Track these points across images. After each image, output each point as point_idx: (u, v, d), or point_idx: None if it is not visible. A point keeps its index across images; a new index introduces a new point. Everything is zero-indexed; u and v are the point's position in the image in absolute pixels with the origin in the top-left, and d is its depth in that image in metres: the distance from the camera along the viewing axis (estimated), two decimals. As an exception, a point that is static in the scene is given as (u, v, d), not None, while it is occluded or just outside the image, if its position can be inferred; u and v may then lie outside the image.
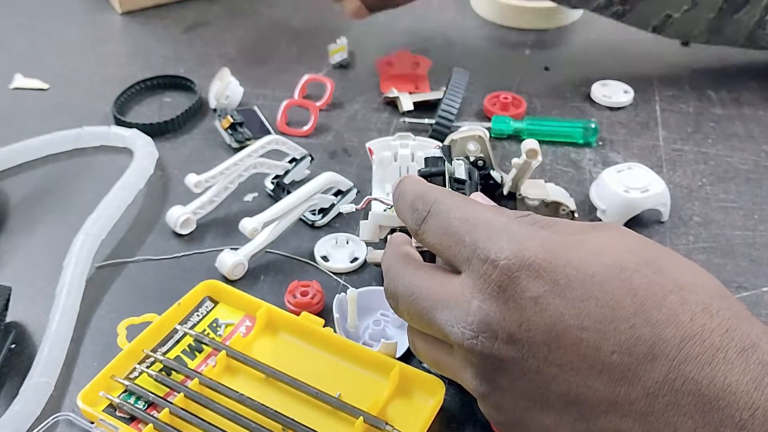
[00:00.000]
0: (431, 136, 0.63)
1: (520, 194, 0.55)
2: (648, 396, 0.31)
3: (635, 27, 0.72)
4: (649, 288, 0.32)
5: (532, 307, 0.33)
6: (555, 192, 0.55)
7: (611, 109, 0.71)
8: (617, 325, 0.32)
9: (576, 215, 0.54)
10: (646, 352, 0.31)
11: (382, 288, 0.50)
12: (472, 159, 0.56)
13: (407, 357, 0.47)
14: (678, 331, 0.31)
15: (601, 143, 0.66)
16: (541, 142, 0.57)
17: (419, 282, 0.38)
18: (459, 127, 0.64)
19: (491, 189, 0.57)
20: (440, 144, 0.57)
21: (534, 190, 0.55)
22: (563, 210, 0.54)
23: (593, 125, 0.65)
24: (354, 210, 0.47)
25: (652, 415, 0.31)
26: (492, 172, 0.57)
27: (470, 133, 0.56)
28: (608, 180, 0.56)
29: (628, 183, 0.56)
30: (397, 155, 0.55)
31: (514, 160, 0.54)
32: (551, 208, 0.55)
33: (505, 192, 0.56)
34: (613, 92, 0.72)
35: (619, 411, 0.32)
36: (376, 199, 0.47)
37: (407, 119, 0.67)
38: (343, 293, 0.49)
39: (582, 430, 0.33)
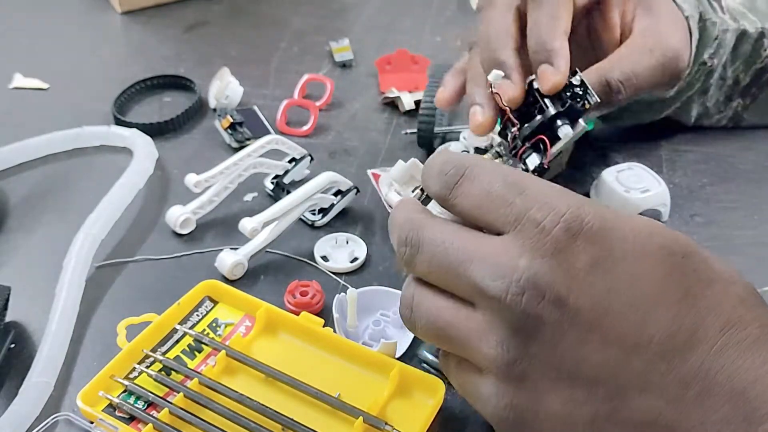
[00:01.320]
0: (419, 134, 0.63)
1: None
2: (682, 382, 0.31)
3: (759, 121, 0.65)
4: (696, 274, 0.33)
5: (584, 274, 0.32)
6: None
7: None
8: (666, 306, 0.32)
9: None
10: (687, 338, 0.32)
11: (382, 288, 0.50)
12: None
13: (407, 357, 0.47)
14: (720, 319, 0.32)
15: (600, 143, 0.66)
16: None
17: (451, 233, 0.35)
18: (450, 123, 0.64)
19: None
20: None
21: None
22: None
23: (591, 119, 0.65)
24: None
25: (682, 403, 0.31)
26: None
27: None
28: (608, 180, 0.56)
29: (628, 183, 0.56)
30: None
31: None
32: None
33: None
34: None
35: (652, 393, 0.32)
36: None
37: (408, 131, 0.67)
38: (342, 293, 0.49)
39: (608, 411, 0.32)
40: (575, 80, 0.49)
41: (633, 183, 0.56)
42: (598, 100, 0.49)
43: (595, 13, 0.56)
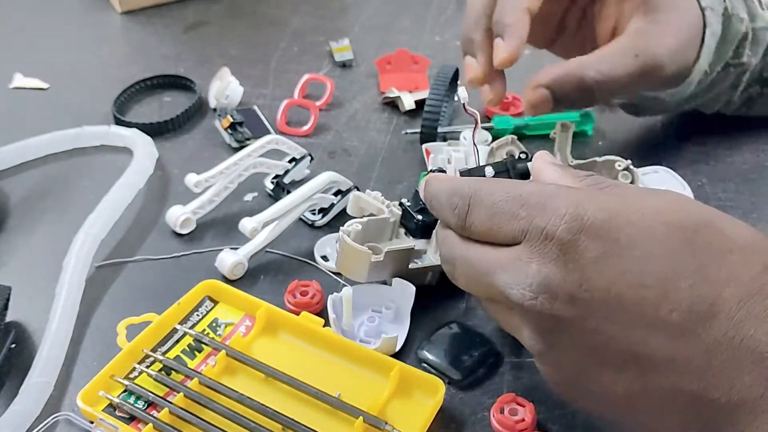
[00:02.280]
0: (421, 134, 0.63)
1: (571, 162, 0.56)
2: (706, 353, 0.32)
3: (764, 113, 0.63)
4: (708, 247, 0.33)
5: (592, 267, 0.33)
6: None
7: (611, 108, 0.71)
8: (678, 283, 0.32)
9: (632, 168, 0.53)
10: (706, 311, 0.32)
11: (372, 284, 0.50)
12: (516, 156, 0.56)
13: (405, 355, 0.47)
14: (738, 290, 0.32)
15: (601, 143, 0.66)
16: (540, 137, 0.57)
17: (475, 249, 0.39)
18: (451, 123, 0.64)
19: None
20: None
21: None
22: (619, 166, 0.53)
23: (590, 113, 0.66)
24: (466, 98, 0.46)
25: (709, 371, 0.32)
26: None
27: (502, 143, 0.57)
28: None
29: (652, 186, 0.55)
30: (451, 158, 0.56)
31: (551, 135, 0.55)
32: (607, 167, 0.54)
33: None
34: None
35: (678, 368, 0.32)
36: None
37: (408, 131, 0.67)
38: (336, 293, 0.49)
39: (639, 387, 0.34)
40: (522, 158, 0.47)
41: (657, 186, 0.55)
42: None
43: (590, 4, 0.54)
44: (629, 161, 0.54)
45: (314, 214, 0.57)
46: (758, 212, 0.58)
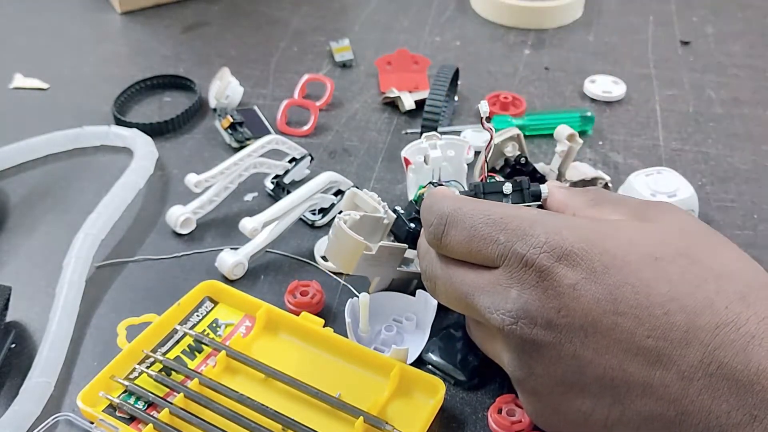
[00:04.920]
0: (421, 134, 0.62)
1: (565, 179, 0.55)
2: (683, 379, 0.32)
3: None
4: (683, 277, 0.34)
5: (569, 294, 0.34)
6: (589, 169, 0.55)
7: (608, 103, 0.71)
8: (652, 310, 0.33)
9: (610, 185, 0.54)
10: (681, 338, 0.32)
11: (394, 293, 0.50)
12: (512, 161, 0.54)
13: (419, 364, 0.47)
14: (713, 318, 0.32)
15: (601, 143, 0.66)
16: (540, 137, 0.57)
17: (456, 268, 0.39)
18: (451, 123, 0.64)
19: (538, 181, 0.57)
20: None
21: (572, 171, 0.56)
22: (600, 182, 0.54)
23: (589, 114, 0.66)
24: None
25: (686, 398, 0.32)
26: (536, 166, 0.56)
27: (506, 135, 0.55)
28: (636, 183, 0.56)
29: (656, 187, 0.55)
30: (428, 158, 0.54)
31: (558, 149, 0.53)
32: (591, 184, 0.55)
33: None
34: (603, 86, 0.72)
35: (654, 394, 0.33)
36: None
37: (408, 130, 0.67)
38: (355, 298, 0.48)
39: (617, 414, 0.34)
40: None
41: (661, 187, 0.55)
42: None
43: None
44: (609, 178, 0.54)
45: (314, 214, 0.57)
46: (759, 212, 0.58)
